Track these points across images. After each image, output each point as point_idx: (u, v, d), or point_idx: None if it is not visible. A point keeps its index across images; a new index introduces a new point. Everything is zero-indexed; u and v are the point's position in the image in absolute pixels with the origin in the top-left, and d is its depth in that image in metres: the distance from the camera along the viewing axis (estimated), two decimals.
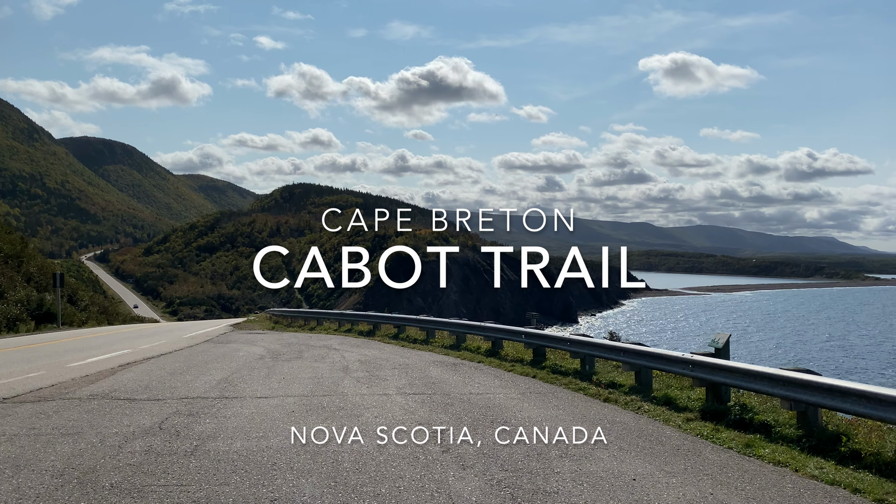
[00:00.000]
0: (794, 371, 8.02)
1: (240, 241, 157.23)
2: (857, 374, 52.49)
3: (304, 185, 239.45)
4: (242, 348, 19.05)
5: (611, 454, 7.23)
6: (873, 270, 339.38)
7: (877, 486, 6.10)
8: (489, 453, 7.17)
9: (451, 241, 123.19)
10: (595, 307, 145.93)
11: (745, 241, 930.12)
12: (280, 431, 8.11)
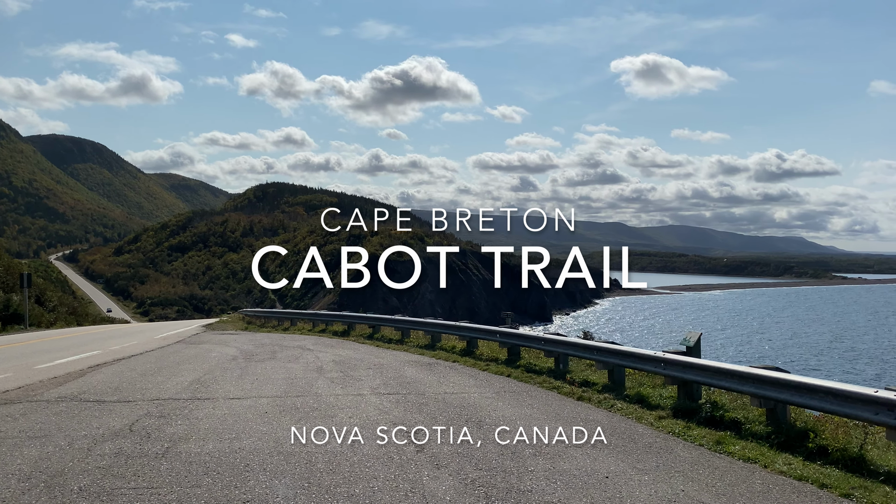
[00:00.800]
0: (763, 369, 8.14)
1: (212, 241, 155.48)
2: (823, 372, 53.47)
3: (278, 184, 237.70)
4: (215, 349, 18.86)
5: (584, 452, 7.29)
6: (840, 270, 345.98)
7: (843, 481, 6.22)
8: (463, 452, 7.18)
9: (427, 240, 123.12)
10: (569, 306, 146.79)
11: (716, 240, 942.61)
12: (253, 432, 8.04)
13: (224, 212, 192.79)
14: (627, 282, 13.12)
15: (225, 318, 44.04)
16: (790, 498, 5.89)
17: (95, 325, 39.76)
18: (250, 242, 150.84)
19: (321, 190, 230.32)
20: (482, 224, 11.78)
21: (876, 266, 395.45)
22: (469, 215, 11.70)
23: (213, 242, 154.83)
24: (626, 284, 13.32)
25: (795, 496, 5.94)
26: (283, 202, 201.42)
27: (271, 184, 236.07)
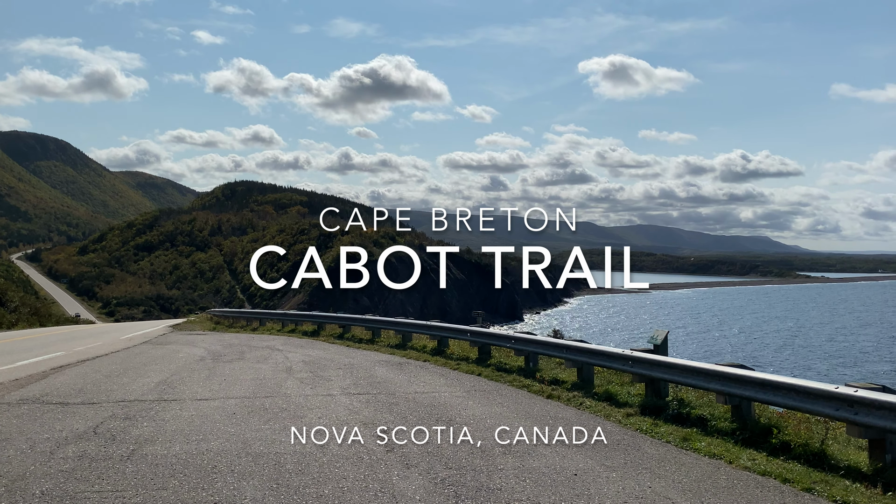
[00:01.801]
0: (728, 366, 8.28)
1: (180, 240, 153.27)
2: (785, 369, 54.51)
3: (247, 182, 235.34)
4: (182, 349, 18.61)
5: (553, 450, 7.34)
6: (804, 269, 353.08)
7: (805, 476, 6.36)
8: (433, 452, 7.19)
9: (398, 239, 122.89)
10: (540, 305, 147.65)
11: (684, 240, 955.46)
12: (221, 434, 7.96)
13: (192, 210, 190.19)
14: (629, 282, 13.18)
15: (193, 318, 43.51)
16: (754, 493, 6.00)
17: (59, 326, 38.98)
18: (218, 241, 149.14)
19: (290, 189, 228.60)
20: (482, 224, 11.85)
21: (838, 265, 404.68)
22: (469, 215, 11.75)
23: (180, 241, 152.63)
24: (627, 286, 13.38)
25: (759, 491, 6.05)
26: (252, 201, 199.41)
27: (240, 182, 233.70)
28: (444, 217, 12.01)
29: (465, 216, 11.77)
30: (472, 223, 11.90)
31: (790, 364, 58.51)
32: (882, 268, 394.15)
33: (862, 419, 6.45)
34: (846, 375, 51.07)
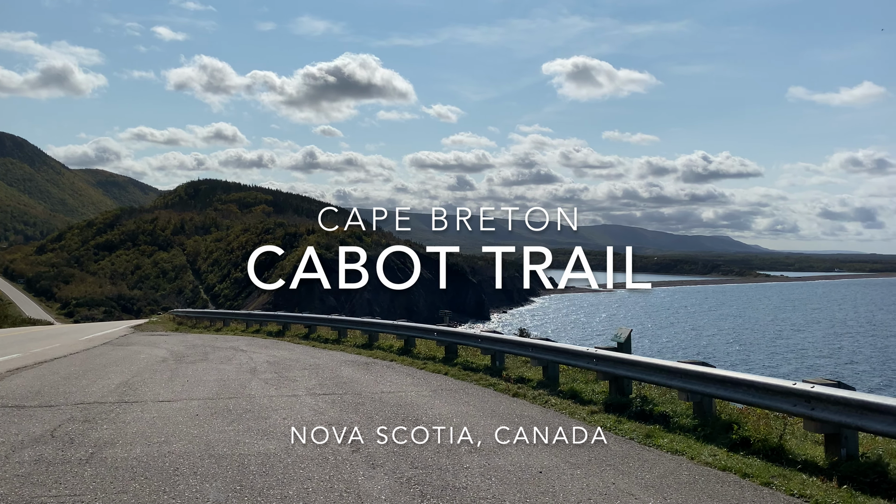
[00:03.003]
0: (690, 363, 8.42)
1: (142, 240, 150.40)
2: (746, 366, 55.57)
3: (210, 181, 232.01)
4: (144, 350, 18.30)
5: (518, 448, 7.38)
6: (764, 268, 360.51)
7: (764, 471, 6.49)
8: (399, 451, 7.17)
9: (365, 239, 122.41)
10: (507, 304, 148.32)
11: (647, 239, 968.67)
12: (183, 436, 7.84)
13: (154, 209, 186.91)
14: (631, 283, 13.20)
15: (155, 318, 42.82)
16: (714, 488, 6.10)
17: (16, 327, 37.99)
18: (181, 241, 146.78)
19: (255, 187, 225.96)
20: (483, 224, 11.89)
21: (796, 264, 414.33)
22: (469, 215, 11.77)
23: (142, 241, 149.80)
24: (630, 286, 13.43)
25: (719, 486, 6.16)
26: (216, 199, 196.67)
27: (203, 181, 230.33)
28: (444, 217, 12.02)
29: (465, 216, 11.79)
30: (472, 223, 11.96)
31: (749, 361, 59.69)
32: (838, 267, 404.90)
33: (818, 414, 6.61)
34: (799, 371, 52.31)
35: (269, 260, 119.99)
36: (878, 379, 49.22)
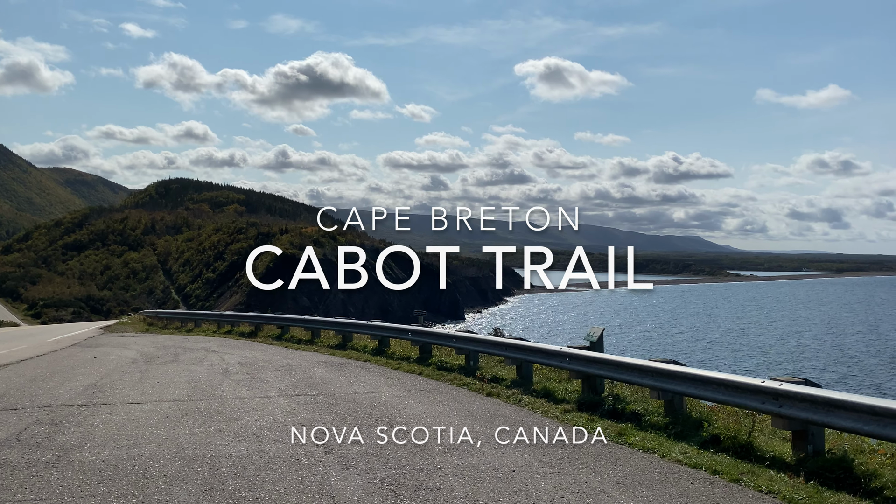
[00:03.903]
0: (661, 362, 8.51)
1: (111, 239, 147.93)
2: (716, 364, 56.31)
3: (182, 180, 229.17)
4: (113, 352, 18.04)
5: (492, 447, 7.40)
6: (734, 267, 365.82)
7: (733, 468, 6.58)
8: (373, 452, 7.15)
9: (340, 239, 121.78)
10: (481, 304, 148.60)
11: (620, 239, 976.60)
12: (153, 438, 7.73)
13: (124, 208, 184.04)
14: (633, 283, 13.20)
15: (125, 319, 42.23)
16: (685, 485, 6.17)
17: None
18: (152, 241, 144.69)
19: (227, 186, 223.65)
20: (483, 224, 11.90)
21: (766, 264, 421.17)
22: (470, 214, 11.77)
23: (112, 241, 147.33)
24: (631, 286, 13.45)
25: (690, 483, 6.23)
26: (188, 199, 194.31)
27: (174, 180, 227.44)
28: (444, 217, 12.00)
29: (465, 215, 11.79)
30: (472, 224, 11.98)
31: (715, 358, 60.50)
32: (806, 267, 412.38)
33: (786, 411, 6.72)
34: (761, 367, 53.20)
35: (241, 260, 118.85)
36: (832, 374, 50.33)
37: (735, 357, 63.24)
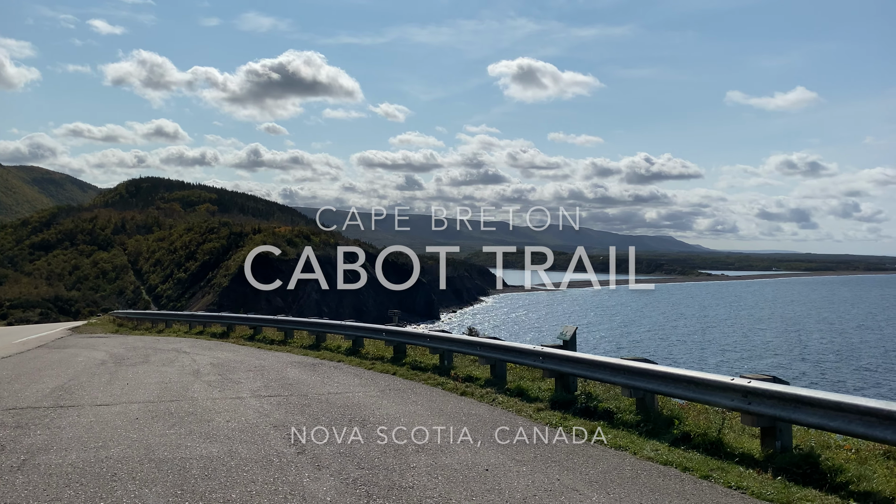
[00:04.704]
0: (633, 360, 8.58)
1: (80, 239, 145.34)
2: (687, 362, 57.00)
3: (152, 178, 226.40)
4: (82, 353, 17.74)
5: (465, 446, 7.40)
6: (705, 267, 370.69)
7: (703, 464, 6.66)
8: (346, 452, 7.11)
9: (313, 238, 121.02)
10: (457, 304, 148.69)
11: (593, 239, 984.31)
12: (122, 440, 7.61)
13: (93, 208, 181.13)
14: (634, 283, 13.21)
15: (94, 320, 41.59)
16: (656, 482, 6.23)
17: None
18: (122, 240, 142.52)
19: (199, 186, 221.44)
20: (483, 224, 11.93)
21: (736, 263, 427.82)
22: (470, 214, 11.79)
23: (80, 240, 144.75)
24: (633, 286, 13.52)
25: (661, 480, 6.29)
26: (159, 198, 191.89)
27: (145, 178, 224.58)
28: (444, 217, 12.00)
29: (465, 215, 11.81)
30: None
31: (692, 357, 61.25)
32: (776, 266, 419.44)
33: (755, 408, 6.81)
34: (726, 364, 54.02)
35: (213, 260, 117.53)
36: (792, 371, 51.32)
37: (702, 354, 64.11)
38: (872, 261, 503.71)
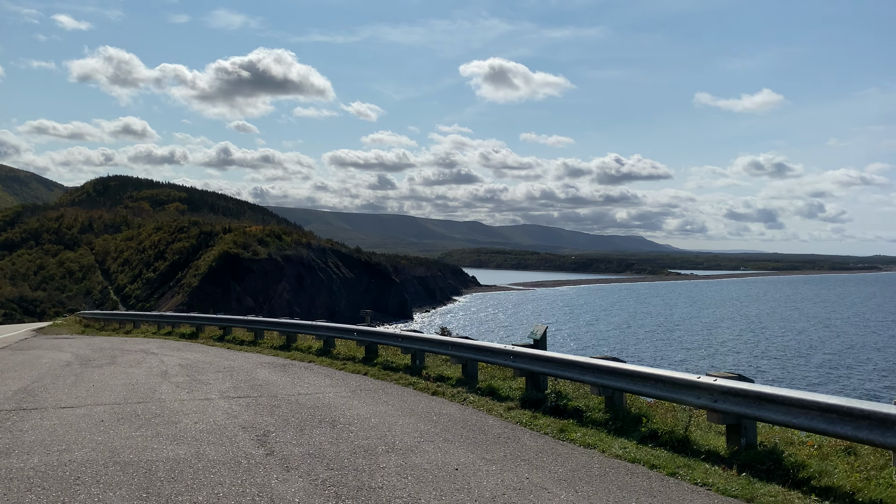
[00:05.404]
0: (602, 359, 8.65)
1: (46, 238, 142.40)
2: (657, 361, 57.65)
3: (121, 177, 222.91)
4: (46, 354, 17.41)
5: (436, 446, 7.40)
6: (675, 266, 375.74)
7: (670, 462, 6.74)
8: (315, 453, 7.07)
9: (285, 238, 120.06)
10: (430, 303, 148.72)
11: (565, 239, 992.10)
12: (86, 443, 7.48)
13: (59, 206, 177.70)
14: None
15: (60, 321, 40.83)
16: (624, 480, 6.29)
17: None
18: (90, 240, 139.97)
19: (168, 184, 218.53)
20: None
21: (705, 263, 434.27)
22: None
23: (46, 240, 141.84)
24: None
25: (629, 477, 6.36)
26: (127, 197, 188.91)
27: (113, 177, 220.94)
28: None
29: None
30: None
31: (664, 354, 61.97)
32: (743, 266, 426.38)
33: (720, 406, 6.91)
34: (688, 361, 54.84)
35: (183, 260, 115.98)
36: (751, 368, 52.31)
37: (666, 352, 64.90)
38: (836, 260, 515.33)
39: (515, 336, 75.73)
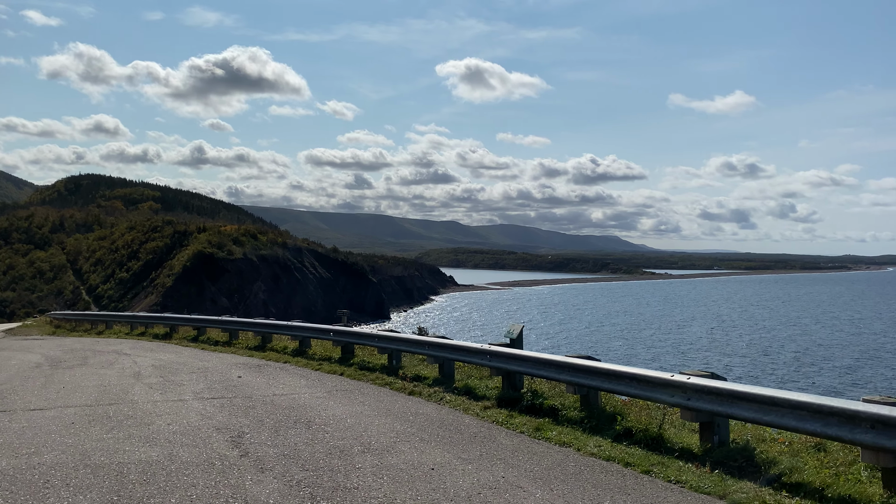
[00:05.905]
0: (577, 358, 8.70)
1: (15, 238, 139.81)
2: (630, 359, 58.17)
3: (93, 175, 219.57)
4: (15, 356, 17.10)
5: (412, 446, 7.39)
6: (650, 266, 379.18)
7: (644, 460, 6.79)
8: (290, 454, 7.02)
9: (261, 238, 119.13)
10: (407, 303, 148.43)
11: (542, 239, 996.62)
12: (56, 446, 7.36)
13: (29, 205, 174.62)
14: None
15: (30, 322, 40.16)
16: (599, 477, 6.33)
17: None
18: (61, 239, 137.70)
19: (142, 183, 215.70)
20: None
21: (679, 262, 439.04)
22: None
23: (16, 239, 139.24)
24: None
25: (603, 476, 6.40)
26: (99, 195, 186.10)
27: (85, 175, 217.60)
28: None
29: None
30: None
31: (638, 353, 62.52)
32: (717, 265, 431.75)
33: (694, 404, 6.99)
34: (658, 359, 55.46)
35: (157, 259, 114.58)
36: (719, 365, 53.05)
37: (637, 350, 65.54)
38: (807, 260, 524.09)
39: (492, 335, 75.91)
